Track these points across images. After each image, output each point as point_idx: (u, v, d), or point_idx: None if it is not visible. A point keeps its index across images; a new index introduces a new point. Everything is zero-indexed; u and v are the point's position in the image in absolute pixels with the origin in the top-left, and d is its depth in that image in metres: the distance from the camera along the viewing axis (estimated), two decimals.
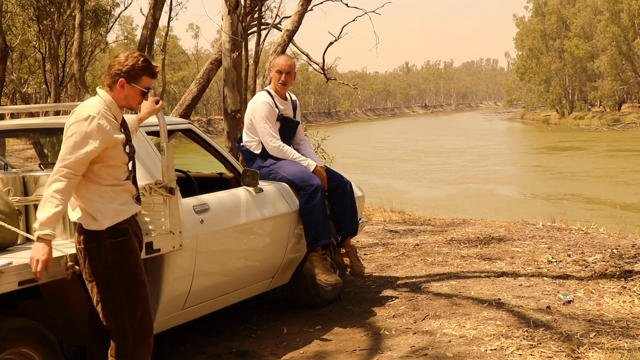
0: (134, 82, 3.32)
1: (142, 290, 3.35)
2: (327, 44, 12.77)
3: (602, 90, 66.85)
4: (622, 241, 7.59)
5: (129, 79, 3.30)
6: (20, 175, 4.08)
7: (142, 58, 3.34)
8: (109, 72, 3.32)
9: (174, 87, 68.49)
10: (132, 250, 3.35)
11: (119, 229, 3.29)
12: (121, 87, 3.30)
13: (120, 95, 3.32)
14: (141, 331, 3.34)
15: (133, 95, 3.34)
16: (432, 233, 8.62)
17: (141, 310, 3.33)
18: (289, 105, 5.50)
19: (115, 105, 3.32)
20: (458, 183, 25.72)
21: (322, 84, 78.95)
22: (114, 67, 3.31)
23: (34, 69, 36.87)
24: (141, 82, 3.34)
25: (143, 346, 3.35)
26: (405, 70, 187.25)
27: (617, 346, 4.18)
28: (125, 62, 3.30)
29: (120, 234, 3.30)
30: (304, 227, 5.15)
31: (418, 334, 4.68)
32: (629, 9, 61.79)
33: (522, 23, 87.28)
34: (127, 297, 3.29)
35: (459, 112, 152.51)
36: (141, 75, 3.32)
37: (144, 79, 3.34)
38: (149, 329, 3.39)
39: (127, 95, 3.33)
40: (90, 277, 3.30)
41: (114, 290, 3.27)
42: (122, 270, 3.28)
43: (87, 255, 3.28)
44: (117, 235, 3.28)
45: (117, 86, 3.30)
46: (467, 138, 52.25)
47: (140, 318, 3.33)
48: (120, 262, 3.28)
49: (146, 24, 13.15)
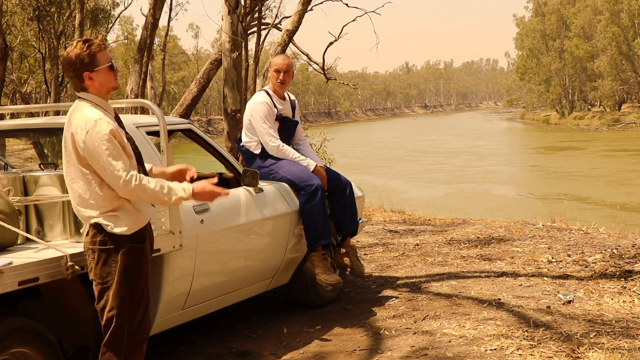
0: (94, 67, 3.21)
1: (145, 297, 3.32)
2: (327, 44, 12.79)
3: (602, 90, 66.85)
4: (622, 241, 7.59)
5: (89, 67, 3.21)
6: (20, 175, 4.08)
7: (79, 43, 3.22)
8: (72, 76, 3.23)
9: (174, 87, 68.48)
10: (147, 257, 3.33)
11: (140, 234, 3.27)
12: (90, 79, 3.22)
13: (95, 86, 3.24)
14: (138, 337, 3.30)
15: (105, 77, 3.25)
16: (432, 233, 8.62)
17: (141, 316, 3.30)
18: (287, 105, 5.50)
19: (102, 100, 3.27)
20: (455, 183, 25.84)
21: (322, 84, 78.95)
22: (65, 66, 3.23)
23: (34, 69, 36.87)
24: (100, 61, 3.22)
25: (137, 353, 3.31)
26: (405, 70, 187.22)
27: (617, 346, 4.18)
28: (75, 56, 3.18)
29: (140, 239, 3.28)
30: (304, 227, 5.15)
31: (418, 334, 4.68)
32: (629, 9, 61.79)
33: (522, 23, 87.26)
34: (131, 302, 3.25)
35: (459, 112, 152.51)
36: (95, 56, 3.21)
37: (99, 56, 3.22)
38: (145, 336, 3.36)
39: (100, 82, 3.24)
40: (99, 279, 3.25)
41: (121, 294, 3.23)
42: (134, 276, 3.24)
43: (101, 257, 3.23)
44: (137, 241, 3.25)
45: (86, 82, 3.22)
46: (466, 138, 52.34)
47: (138, 325, 3.29)
48: (133, 268, 3.23)
49: (146, 24, 13.17)
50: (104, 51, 3.24)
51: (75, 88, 3.30)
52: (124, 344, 3.26)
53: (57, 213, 3.96)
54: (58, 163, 4.53)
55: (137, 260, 3.25)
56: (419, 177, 28.08)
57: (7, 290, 3.14)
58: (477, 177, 27.32)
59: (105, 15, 32.16)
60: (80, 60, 3.19)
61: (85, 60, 3.20)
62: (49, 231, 4.00)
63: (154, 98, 29.79)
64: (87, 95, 3.26)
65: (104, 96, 3.29)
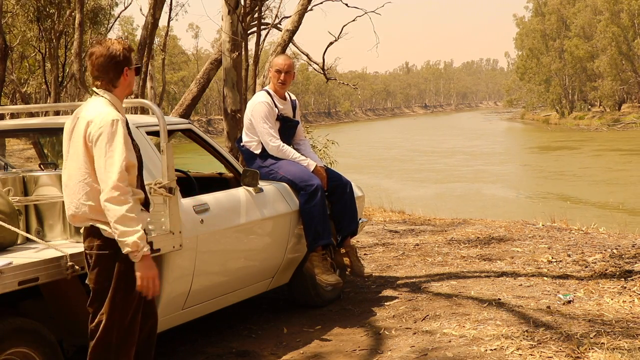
0: (131, 64, 3.29)
1: (137, 302, 3.28)
2: (327, 44, 12.77)
3: (602, 90, 66.86)
4: (622, 241, 7.59)
5: (128, 64, 3.27)
6: (20, 175, 4.09)
7: (122, 40, 3.30)
8: (103, 68, 3.23)
9: (174, 87, 68.48)
10: None
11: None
12: (125, 76, 3.27)
13: (124, 85, 3.29)
14: (126, 341, 3.27)
15: (132, 78, 3.32)
16: (432, 233, 8.62)
17: (130, 320, 3.26)
18: (288, 105, 5.50)
19: (119, 103, 3.28)
20: (446, 182, 26.03)
21: (322, 84, 78.97)
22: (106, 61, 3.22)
23: (34, 69, 36.84)
24: (132, 61, 3.31)
25: (125, 357, 3.28)
26: (405, 70, 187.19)
27: (617, 346, 4.18)
28: (117, 51, 3.23)
29: None
30: (304, 227, 5.15)
31: (418, 334, 4.68)
32: (629, 9, 61.81)
33: (522, 23, 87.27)
34: (123, 307, 3.22)
35: (459, 112, 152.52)
36: (130, 55, 3.30)
37: (132, 57, 3.32)
38: (133, 340, 3.31)
39: (130, 82, 3.30)
40: (95, 283, 3.24)
41: (115, 300, 3.21)
42: (129, 281, 3.20)
43: (97, 262, 3.21)
44: None
45: (121, 78, 3.25)
46: (464, 138, 52.52)
47: (127, 329, 3.26)
48: (130, 274, 3.19)
49: (146, 24, 13.17)
50: (134, 51, 3.33)
51: (103, 85, 3.26)
52: (112, 348, 3.23)
53: (57, 213, 3.96)
54: (58, 163, 4.54)
55: (133, 266, 3.19)
56: (411, 177, 28.28)
57: (7, 290, 3.14)
58: (468, 177, 27.58)
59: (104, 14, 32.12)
60: (123, 55, 3.24)
61: (126, 56, 3.26)
62: (49, 231, 4.00)
63: (154, 98, 29.80)
64: (108, 95, 3.26)
65: (122, 98, 3.32)
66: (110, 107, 3.21)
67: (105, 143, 3.10)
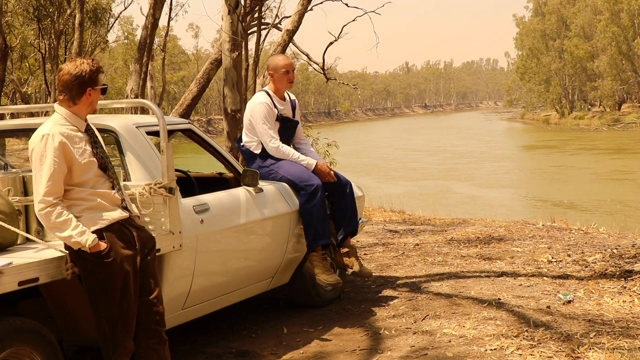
0: (95, 85, 3.39)
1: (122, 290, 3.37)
2: (327, 44, 12.78)
3: (602, 90, 66.84)
4: (622, 241, 7.59)
5: (93, 84, 3.37)
6: (20, 175, 4.08)
7: (91, 61, 3.40)
8: (67, 85, 3.35)
9: (174, 87, 68.47)
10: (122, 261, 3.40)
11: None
12: (88, 95, 3.37)
13: (86, 103, 3.39)
14: (119, 331, 3.37)
15: (96, 98, 3.43)
16: (432, 233, 8.62)
17: (117, 312, 3.36)
18: (287, 105, 5.50)
19: (75, 117, 3.38)
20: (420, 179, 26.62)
21: (322, 83, 78.91)
22: (71, 79, 3.34)
23: (34, 69, 36.86)
24: (100, 81, 3.41)
25: (120, 347, 3.38)
26: (405, 70, 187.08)
27: (617, 346, 4.18)
28: (84, 71, 3.34)
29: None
30: (304, 227, 5.15)
31: (418, 334, 4.68)
32: (628, 9, 61.77)
33: (522, 23, 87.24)
34: (105, 300, 3.36)
35: (459, 112, 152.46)
36: (98, 75, 3.40)
37: (100, 77, 3.41)
38: (128, 326, 3.40)
39: (92, 101, 3.41)
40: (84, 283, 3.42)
41: (93, 297, 3.38)
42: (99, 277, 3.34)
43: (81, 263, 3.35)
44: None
45: (84, 97, 3.36)
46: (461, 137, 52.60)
47: (117, 319, 3.36)
48: (96, 270, 3.33)
49: (146, 24, 13.18)
50: (103, 73, 3.45)
51: (64, 101, 3.39)
52: (108, 339, 3.38)
53: None
54: None
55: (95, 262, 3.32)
56: (389, 175, 28.72)
57: (7, 290, 3.14)
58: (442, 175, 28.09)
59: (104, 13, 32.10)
60: (89, 76, 3.35)
61: (92, 77, 3.37)
62: (49, 231, 3.99)
63: (154, 98, 29.80)
64: (64, 110, 3.38)
65: (83, 115, 3.42)
66: (54, 123, 3.34)
67: (35, 159, 3.28)
